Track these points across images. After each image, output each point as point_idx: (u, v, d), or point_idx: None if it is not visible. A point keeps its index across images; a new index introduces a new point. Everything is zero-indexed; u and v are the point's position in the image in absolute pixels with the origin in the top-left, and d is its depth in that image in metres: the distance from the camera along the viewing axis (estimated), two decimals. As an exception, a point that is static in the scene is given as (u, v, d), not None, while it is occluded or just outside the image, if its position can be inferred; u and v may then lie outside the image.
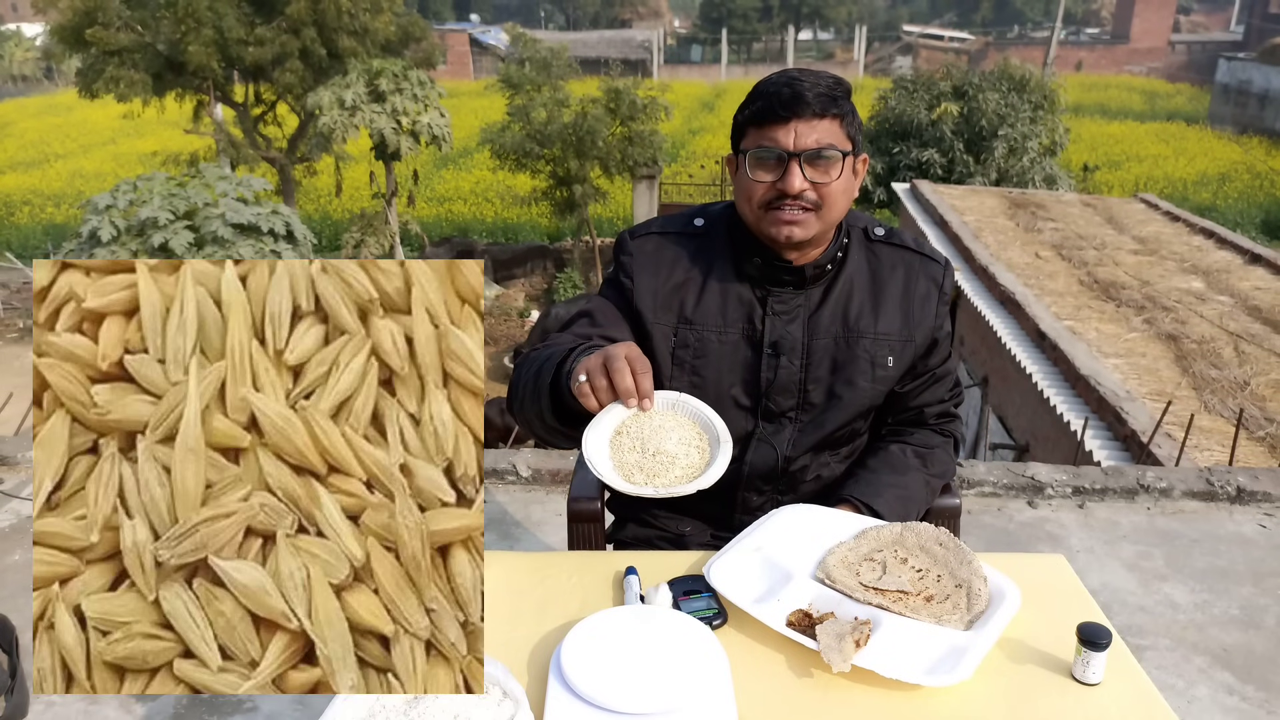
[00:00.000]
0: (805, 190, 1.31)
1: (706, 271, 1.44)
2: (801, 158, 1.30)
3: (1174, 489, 3.05)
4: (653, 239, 1.48)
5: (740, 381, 1.43)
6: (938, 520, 1.49)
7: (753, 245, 1.40)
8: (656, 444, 1.16)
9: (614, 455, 1.16)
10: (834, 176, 1.32)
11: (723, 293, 1.42)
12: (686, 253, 1.45)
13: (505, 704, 0.96)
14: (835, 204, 1.34)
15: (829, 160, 1.31)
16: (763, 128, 1.32)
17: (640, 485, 1.13)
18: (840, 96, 1.32)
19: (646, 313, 1.43)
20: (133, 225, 7.84)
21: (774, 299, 1.41)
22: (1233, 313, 6.41)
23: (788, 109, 1.30)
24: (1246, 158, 21.28)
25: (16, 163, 23.87)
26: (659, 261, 1.45)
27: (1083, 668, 1.03)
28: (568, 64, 15.42)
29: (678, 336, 1.43)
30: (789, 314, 1.42)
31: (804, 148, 1.30)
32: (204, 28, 13.48)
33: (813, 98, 1.29)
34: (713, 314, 1.42)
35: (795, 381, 1.42)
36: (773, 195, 1.32)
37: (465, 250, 16.17)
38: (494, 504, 3.00)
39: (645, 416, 1.18)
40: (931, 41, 40.78)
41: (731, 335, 1.42)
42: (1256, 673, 2.21)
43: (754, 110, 1.34)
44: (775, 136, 1.31)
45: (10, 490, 3.05)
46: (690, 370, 1.42)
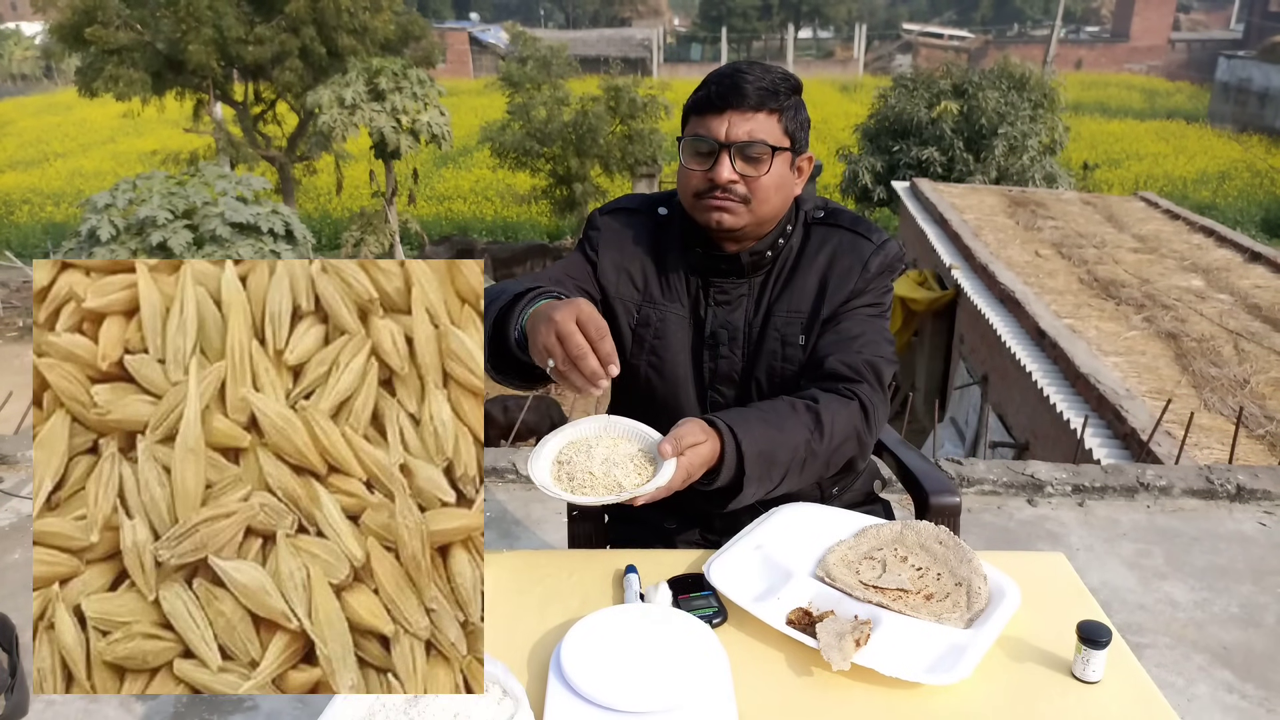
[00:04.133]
0: (734, 182, 1.32)
1: (664, 257, 1.45)
2: (732, 149, 1.31)
3: (1174, 487, 3.05)
4: (621, 215, 1.50)
5: (690, 368, 1.44)
6: (937, 519, 1.49)
7: (697, 234, 1.42)
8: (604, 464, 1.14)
9: (562, 471, 1.15)
10: (763, 171, 1.32)
11: (676, 280, 1.44)
12: (649, 235, 1.47)
13: (505, 703, 0.96)
14: (766, 198, 1.34)
15: (759, 154, 1.31)
16: (701, 116, 1.33)
17: (592, 494, 1.11)
18: (783, 92, 1.33)
19: (609, 287, 1.45)
20: (132, 224, 7.84)
21: (715, 288, 1.43)
22: (1232, 311, 6.41)
23: (724, 100, 1.31)
24: (1246, 156, 21.27)
25: (16, 161, 23.87)
26: (623, 239, 1.47)
27: (1083, 666, 1.03)
28: (567, 62, 15.43)
29: (640, 314, 1.44)
30: (730, 303, 1.42)
31: (735, 139, 1.31)
32: (203, 26, 13.48)
33: (751, 91, 1.30)
34: (667, 298, 1.44)
35: (737, 371, 1.42)
36: (704, 184, 1.33)
37: (465, 249, 16.18)
38: (494, 502, 3.00)
39: (588, 444, 1.16)
40: (931, 40, 40.76)
41: (679, 322, 1.44)
42: (1256, 671, 2.21)
43: (695, 99, 1.35)
44: (710, 126, 1.32)
45: (10, 489, 3.05)
46: (650, 350, 1.44)
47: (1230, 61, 27.06)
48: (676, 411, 1.38)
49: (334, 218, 17.85)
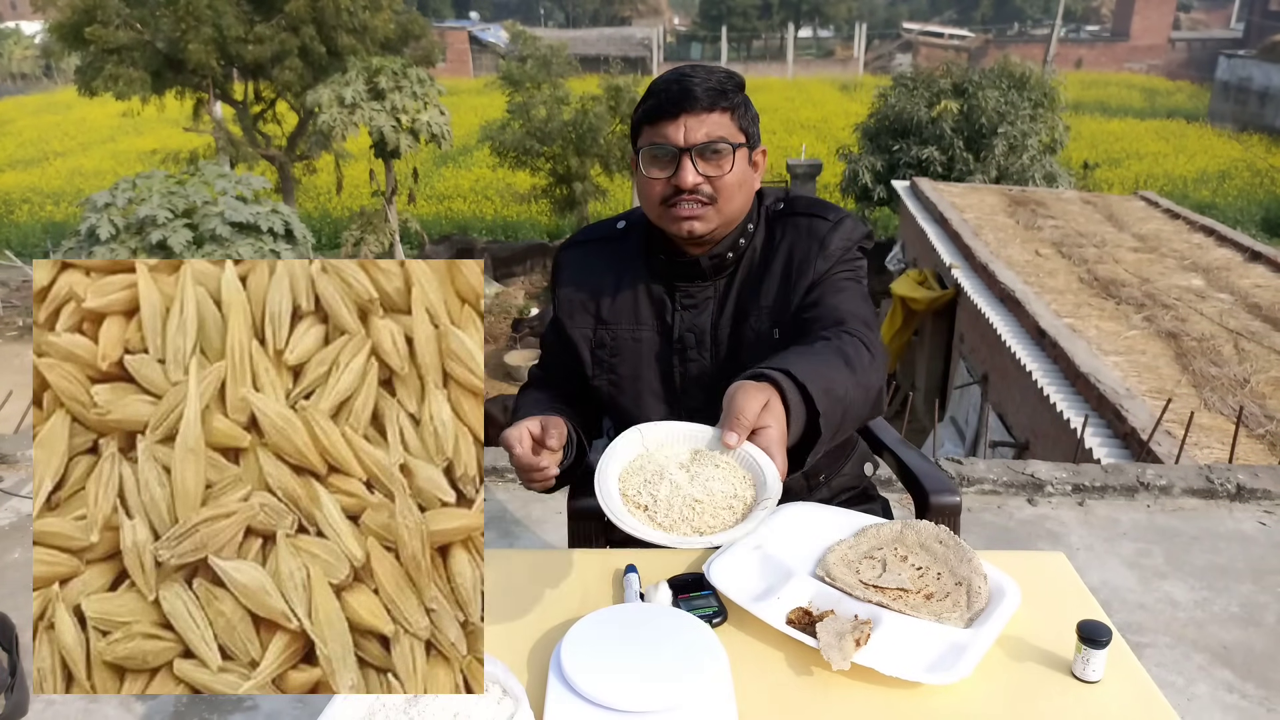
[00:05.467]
0: (699, 184, 1.32)
1: (622, 272, 1.46)
2: (692, 152, 1.31)
3: (1174, 486, 3.05)
4: (575, 250, 1.53)
5: (658, 378, 1.44)
6: (937, 518, 1.49)
7: (660, 242, 1.42)
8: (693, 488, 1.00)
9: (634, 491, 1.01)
10: (726, 169, 1.33)
11: (636, 291, 1.45)
12: (605, 257, 1.49)
13: (505, 702, 0.96)
14: (732, 196, 1.35)
15: (720, 153, 1.32)
16: (655, 125, 1.33)
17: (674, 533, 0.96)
18: (730, 90, 1.33)
19: (564, 319, 1.49)
20: (131, 223, 7.83)
21: (681, 293, 1.43)
22: (1233, 310, 6.41)
23: (676, 105, 1.31)
24: (1246, 155, 21.27)
25: (16, 161, 23.86)
26: (580, 269, 1.50)
27: (1083, 665, 1.03)
28: (567, 61, 15.43)
29: (595, 336, 1.46)
30: (697, 306, 1.43)
31: (694, 142, 1.31)
32: (203, 25, 13.47)
33: (701, 92, 1.30)
34: (627, 313, 1.45)
35: (708, 374, 1.42)
36: (669, 191, 1.33)
37: (465, 248, 16.17)
38: (494, 502, 3.01)
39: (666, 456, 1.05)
40: (931, 39, 40.75)
41: (645, 332, 1.44)
42: (1256, 670, 2.21)
43: (646, 108, 1.34)
44: (666, 133, 1.32)
45: (10, 488, 3.05)
46: (608, 369, 1.46)
47: (1230, 61, 27.04)
48: (643, 421, 1.37)
49: (334, 217, 17.84)
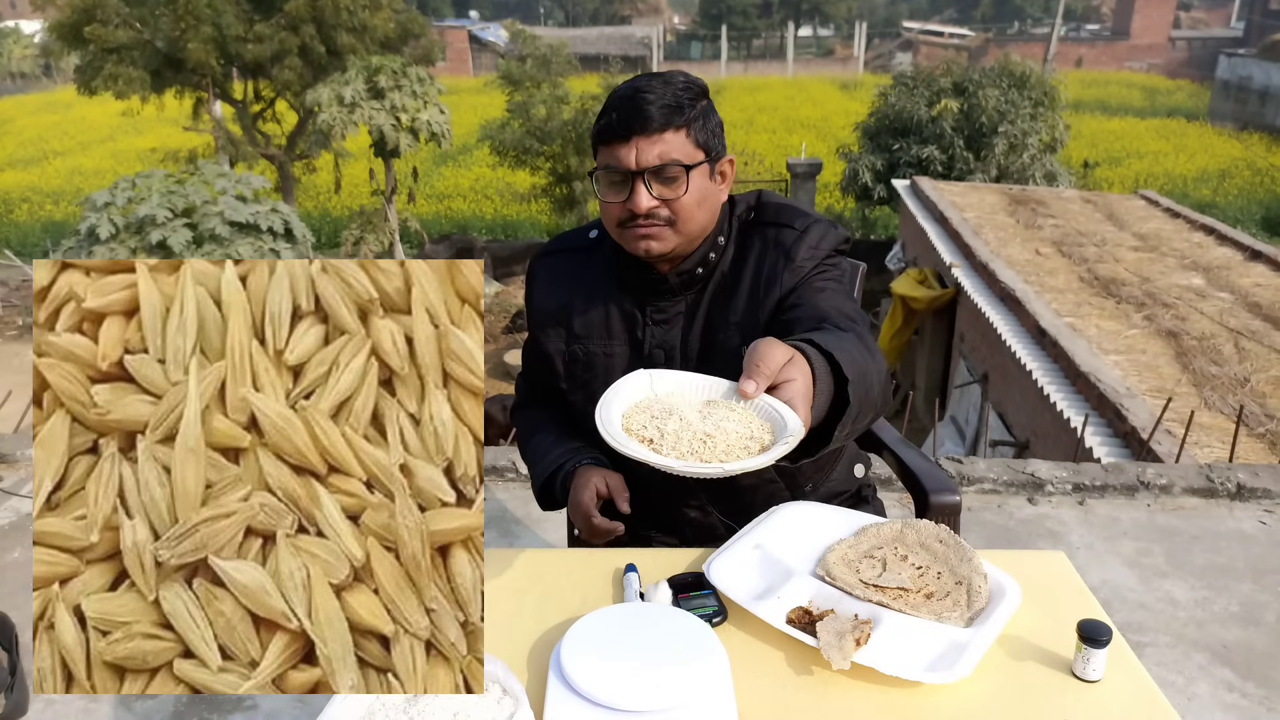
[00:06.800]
0: (655, 208, 1.29)
1: (593, 286, 1.44)
2: (645, 175, 1.27)
3: (1174, 486, 3.05)
4: (546, 260, 1.52)
5: None
6: (938, 517, 1.49)
7: (628, 257, 1.39)
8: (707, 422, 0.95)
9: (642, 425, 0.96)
10: (681, 191, 1.28)
11: (608, 306, 1.43)
12: (577, 268, 1.46)
13: (505, 702, 0.96)
14: (690, 216, 1.31)
15: (673, 175, 1.28)
16: (609, 146, 1.30)
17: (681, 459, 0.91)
18: (686, 104, 1.28)
19: (538, 332, 1.47)
20: (131, 223, 7.83)
21: (651, 308, 1.41)
22: (1233, 309, 6.41)
23: (626, 126, 1.26)
24: (1247, 154, 21.25)
25: (15, 160, 23.85)
26: (551, 281, 1.48)
27: (1083, 665, 1.03)
28: (567, 60, 15.41)
29: (568, 351, 1.45)
30: (668, 322, 1.40)
31: (646, 165, 1.26)
32: (203, 25, 13.47)
33: (654, 112, 1.26)
34: (598, 328, 1.43)
35: None
36: (625, 214, 1.31)
37: (465, 247, 16.16)
38: (494, 501, 3.01)
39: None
40: (931, 38, 40.71)
41: (617, 347, 1.42)
42: (1257, 670, 2.21)
43: (599, 128, 1.31)
44: (619, 155, 1.28)
45: (10, 488, 3.05)
46: (582, 384, 1.45)
47: (1230, 59, 27.01)
48: None
49: (333, 216, 17.83)
